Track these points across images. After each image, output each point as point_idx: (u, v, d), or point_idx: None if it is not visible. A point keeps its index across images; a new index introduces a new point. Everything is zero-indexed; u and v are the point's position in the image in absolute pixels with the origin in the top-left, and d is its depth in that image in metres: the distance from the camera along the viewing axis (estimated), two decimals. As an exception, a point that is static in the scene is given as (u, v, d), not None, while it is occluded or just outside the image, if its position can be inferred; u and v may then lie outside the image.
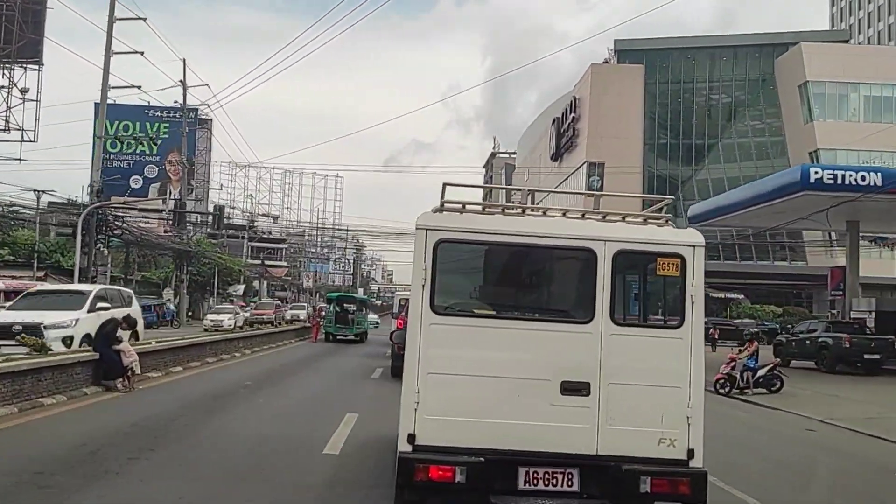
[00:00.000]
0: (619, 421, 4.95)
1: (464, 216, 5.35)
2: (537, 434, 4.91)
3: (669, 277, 5.19)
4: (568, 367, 4.98)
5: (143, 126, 59.84)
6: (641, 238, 5.19)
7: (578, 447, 4.91)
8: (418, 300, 4.99)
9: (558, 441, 4.90)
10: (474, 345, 5.02)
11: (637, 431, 4.96)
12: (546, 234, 5.15)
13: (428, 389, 4.92)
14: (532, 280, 5.90)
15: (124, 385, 12.29)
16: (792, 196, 21.72)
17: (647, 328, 5.49)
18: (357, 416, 10.49)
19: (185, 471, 7.12)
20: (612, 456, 4.91)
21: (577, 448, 4.91)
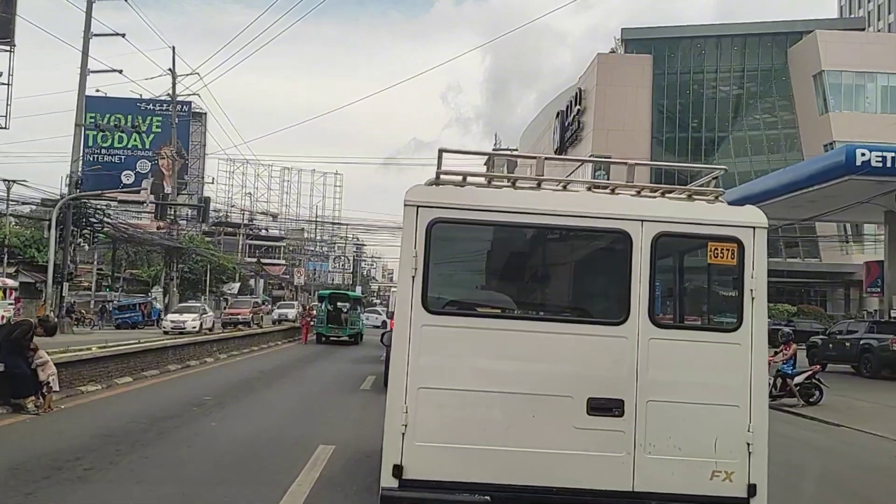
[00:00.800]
0: (660, 449, 4.20)
1: (465, 190, 4.49)
2: (557, 465, 4.18)
3: (723, 267, 4.43)
4: (596, 380, 4.25)
5: (134, 120, 58.54)
6: (687, 217, 4.39)
7: (609, 482, 4.18)
8: (407, 295, 4.23)
9: (584, 474, 4.18)
10: (477, 352, 4.27)
11: (683, 462, 4.21)
12: (568, 212, 4.37)
13: (419, 408, 4.16)
14: (550, 270, 5.05)
15: (37, 405, 9.91)
16: (834, 182, 19.45)
17: (695, 331, 4.58)
18: (332, 450, 8.12)
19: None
20: (651, 493, 4.18)
21: (607, 483, 4.18)
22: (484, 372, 4.24)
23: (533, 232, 4.63)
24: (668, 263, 4.98)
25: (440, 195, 4.38)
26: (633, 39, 64.29)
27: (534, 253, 4.92)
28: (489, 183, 4.69)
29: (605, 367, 4.26)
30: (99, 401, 11.42)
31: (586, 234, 4.54)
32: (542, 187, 4.62)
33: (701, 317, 5.12)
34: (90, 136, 57.26)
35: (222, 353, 20.68)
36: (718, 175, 4.91)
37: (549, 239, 4.73)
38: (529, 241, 4.78)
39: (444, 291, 4.52)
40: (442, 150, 4.69)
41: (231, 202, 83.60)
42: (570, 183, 4.81)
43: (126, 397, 12.07)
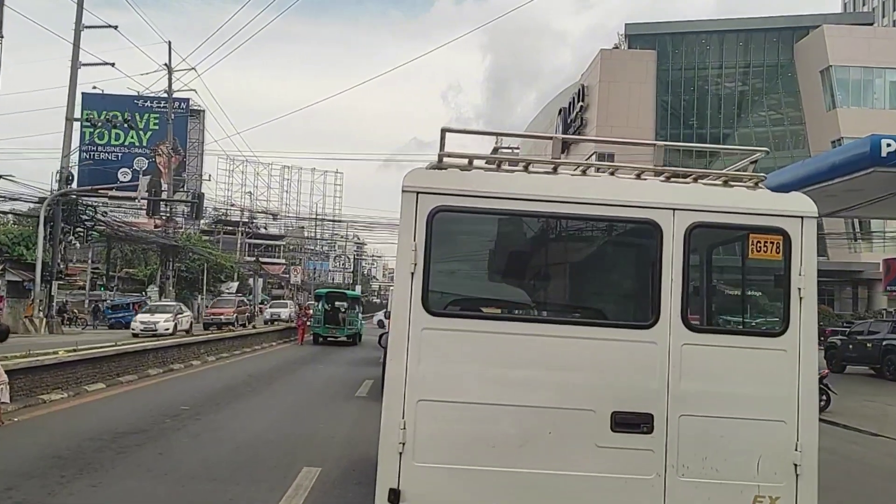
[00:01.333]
0: (695, 470, 3.80)
1: (471, 174, 4.11)
2: (577, 489, 3.76)
3: (767, 262, 4.03)
4: (621, 391, 3.83)
5: (131, 116, 58.22)
6: (726, 205, 4.00)
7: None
8: (405, 295, 3.84)
9: (607, 500, 3.77)
10: (485, 359, 3.85)
11: (722, 485, 3.80)
12: (589, 199, 3.98)
13: (419, 424, 3.75)
14: (569, 266, 4.55)
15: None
16: (857, 174, 18.31)
17: (734, 335, 4.07)
18: (318, 473, 7.07)
19: None
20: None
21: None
22: (493, 382, 3.80)
23: (549, 222, 4.19)
24: (704, 258, 4.55)
25: (443, 180, 3.94)
26: (636, 35, 63.48)
27: (550, 246, 4.40)
28: (499, 166, 4.23)
29: (632, 376, 3.83)
30: (60, 412, 10.40)
31: (610, 224, 4.13)
32: (560, 172, 4.18)
33: (741, 319, 4.63)
34: (86, 133, 57.00)
35: (210, 355, 19.69)
36: (758, 158, 4.38)
37: (567, 230, 4.29)
38: (545, 232, 4.30)
39: (447, 290, 4.13)
40: (445, 129, 4.19)
41: (231, 201, 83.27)
42: (590, 167, 4.32)
43: (93, 407, 11.06)
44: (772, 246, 3.96)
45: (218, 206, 79.10)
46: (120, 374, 13.47)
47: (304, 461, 7.55)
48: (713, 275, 4.73)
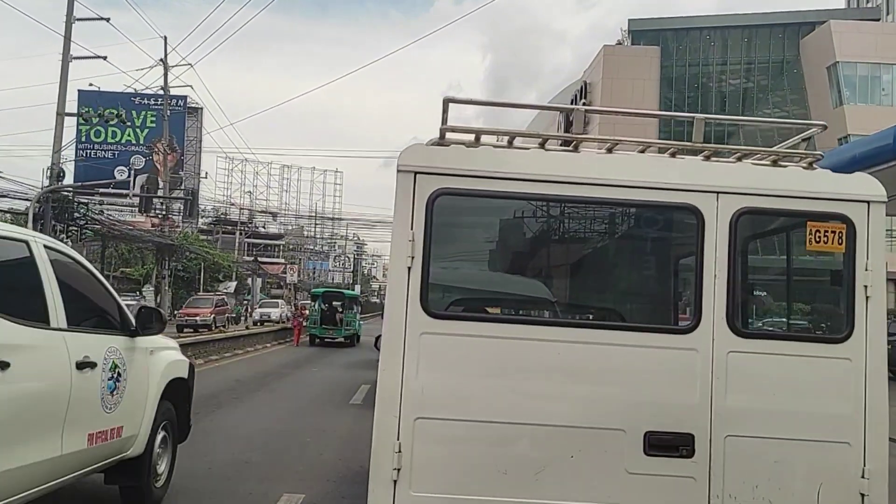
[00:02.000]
0: (744, 501, 3.26)
1: (479, 151, 3.53)
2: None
3: (827, 254, 3.52)
4: (656, 407, 3.29)
5: (129, 115, 57.92)
6: (778, 188, 3.47)
7: None
8: (400, 294, 3.33)
9: None
10: (494, 369, 3.32)
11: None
12: (617, 181, 3.43)
13: (416, 446, 3.26)
14: (593, 260, 4.07)
15: None
16: (879, 168, 17.57)
17: (789, 341, 3.48)
18: (300, 502, 6.17)
19: None
20: None
21: None
22: (504, 396, 3.33)
23: (570, 208, 3.77)
24: (751, 250, 3.99)
25: (446, 158, 3.46)
26: (639, 31, 63.24)
27: (571, 237, 4.00)
28: (511, 142, 3.73)
29: (669, 389, 3.35)
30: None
31: (642, 210, 3.65)
32: (582, 149, 3.70)
33: (797, 323, 4.25)
34: (83, 132, 56.54)
35: (198, 357, 18.82)
36: (814, 134, 3.90)
37: (591, 218, 3.89)
38: (566, 220, 3.92)
39: (450, 288, 3.78)
40: (448, 99, 3.65)
41: (230, 200, 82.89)
42: (618, 143, 3.82)
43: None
44: (833, 236, 3.47)
45: (217, 205, 78.82)
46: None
47: (286, 486, 6.63)
48: (763, 269, 4.24)
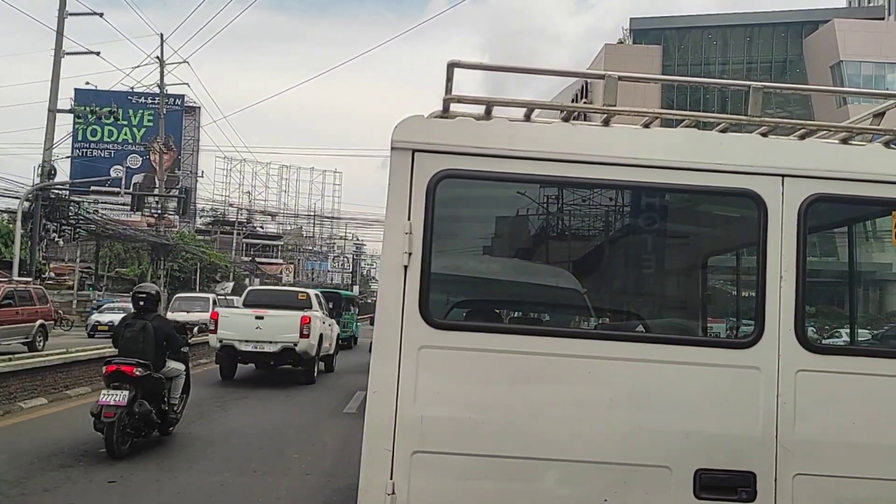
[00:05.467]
0: None
1: (491, 125, 2.97)
2: None
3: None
4: (709, 440, 2.77)
5: (125, 113, 57.68)
6: (857, 169, 2.93)
7: None
8: (395, 298, 2.79)
9: None
10: (511, 392, 2.77)
11: None
12: (659, 161, 2.88)
13: (415, 487, 2.72)
14: (630, 258, 3.42)
15: None
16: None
17: (874, 359, 2.87)
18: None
19: None
20: None
21: None
22: (523, 425, 2.78)
23: (602, 194, 3.29)
24: (823, 245, 3.62)
25: (451, 133, 2.91)
26: (641, 30, 63.10)
27: (603, 229, 3.47)
28: (529, 116, 3.09)
29: (725, 418, 2.80)
30: None
31: (690, 197, 3.14)
32: (613, 124, 3.13)
33: (883, 335, 3.85)
34: (79, 131, 56.15)
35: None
36: (890, 108, 3.27)
37: (628, 207, 3.31)
38: (596, 209, 3.38)
39: (456, 291, 3.31)
40: (453, 63, 3.04)
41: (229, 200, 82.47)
42: (658, 116, 3.24)
43: (17, 430, 9.37)
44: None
45: (215, 205, 78.35)
46: (70, 385, 11.92)
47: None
48: (837, 268, 3.64)
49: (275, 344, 14.20)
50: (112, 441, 7.70)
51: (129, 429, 8.02)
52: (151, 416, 8.35)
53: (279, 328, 13.96)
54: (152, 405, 8.32)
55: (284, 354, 15.11)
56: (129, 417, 8.00)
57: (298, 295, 17.79)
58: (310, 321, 15.43)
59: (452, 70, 3.05)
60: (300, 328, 15.12)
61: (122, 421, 7.84)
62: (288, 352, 15.10)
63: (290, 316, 15.09)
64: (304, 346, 15.24)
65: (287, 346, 14.98)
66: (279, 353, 14.81)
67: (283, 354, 15.08)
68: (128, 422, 7.97)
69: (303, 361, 15.48)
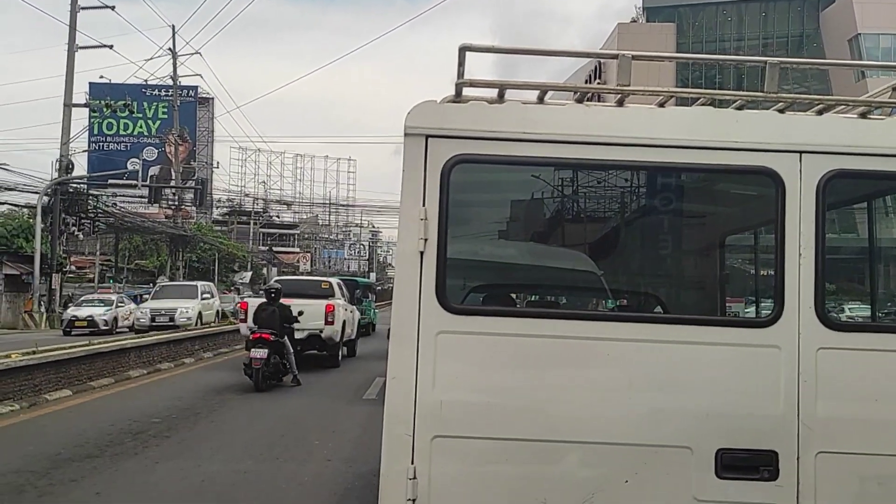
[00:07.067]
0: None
1: (504, 108, 2.94)
2: None
3: None
4: (730, 420, 2.76)
5: (139, 106, 57.91)
6: (875, 144, 2.86)
7: None
8: (412, 285, 2.78)
9: None
10: (529, 375, 2.78)
11: None
12: (675, 141, 2.86)
13: (436, 472, 2.71)
14: (648, 240, 3.47)
15: None
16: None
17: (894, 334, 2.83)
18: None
19: None
20: None
21: None
22: (542, 408, 2.78)
23: (619, 175, 3.31)
24: (842, 221, 3.57)
25: (464, 118, 2.88)
26: (654, 8, 62.51)
27: (620, 211, 3.50)
28: (542, 98, 3.09)
29: (746, 397, 2.78)
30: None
31: (706, 176, 3.16)
32: (628, 104, 3.06)
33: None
34: (95, 125, 56.57)
35: (207, 350, 18.26)
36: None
37: (643, 187, 3.36)
38: (613, 190, 3.44)
39: (472, 276, 3.39)
40: (464, 47, 3.00)
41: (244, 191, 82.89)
42: (673, 95, 3.15)
43: (42, 422, 9.54)
44: None
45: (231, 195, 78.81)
46: (93, 377, 12.14)
47: (287, 503, 5.99)
48: (857, 245, 3.50)
49: (302, 331, 14.63)
50: (259, 381, 12.14)
51: (268, 374, 12.34)
52: (280, 366, 12.82)
53: (305, 316, 14.38)
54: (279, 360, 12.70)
55: (311, 341, 15.67)
56: (267, 367, 12.31)
57: (322, 284, 18.59)
58: (334, 309, 16.06)
59: (464, 54, 3.03)
60: (325, 316, 15.76)
61: (264, 369, 12.22)
62: (314, 338, 15.71)
63: (315, 304, 15.56)
64: (330, 333, 15.93)
65: (314, 332, 15.56)
66: (306, 339, 15.28)
67: (310, 341, 15.62)
68: (266, 370, 12.28)
69: (328, 347, 16.22)
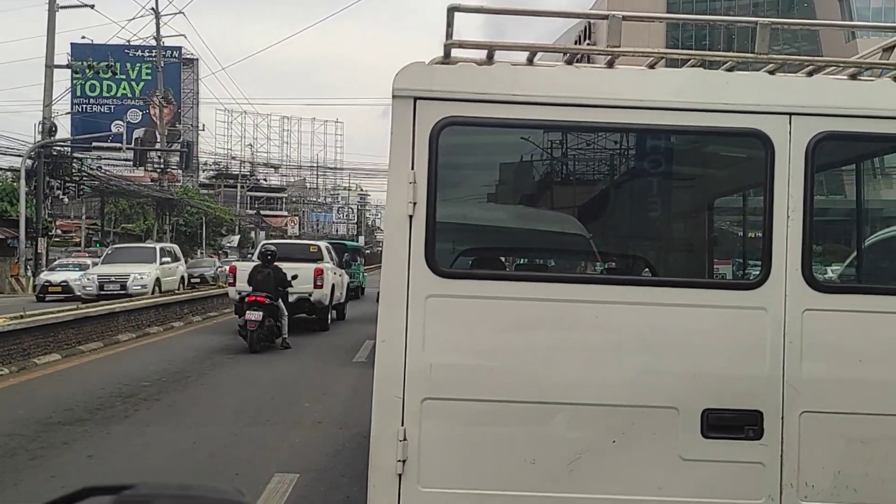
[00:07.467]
0: (824, 490, 2.76)
1: (494, 70, 2.91)
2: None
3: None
4: (716, 380, 2.79)
5: (123, 67, 56.97)
6: (865, 106, 2.85)
7: None
8: (401, 248, 2.80)
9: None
10: (518, 338, 2.81)
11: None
12: (664, 103, 2.84)
13: (425, 433, 2.76)
14: (637, 202, 3.49)
15: None
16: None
17: (881, 296, 2.90)
18: (294, 482, 5.52)
19: None
20: None
21: None
22: (531, 370, 2.79)
23: (606, 138, 3.28)
24: (829, 183, 3.58)
25: (453, 79, 2.86)
26: (645, -34, 61.80)
27: (610, 174, 3.48)
28: (531, 59, 3.03)
29: (732, 359, 2.81)
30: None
31: (695, 138, 3.10)
32: (618, 65, 3.06)
33: (891, 275, 3.69)
34: (78, 86, 55.62)
35: (196, 314, 18.26)
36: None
37: (632, 149, 3.31)
38: (602, 153, 3.39)
39: (461, 240, 3.39)
40: (453, 7, 2.95)
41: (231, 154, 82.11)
42: (664, 56, 3.17)
43: (32, 386, 9.52)
44: None
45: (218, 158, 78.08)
46: (82, 341, 12.12)
47: (279, 464, 6.02)
48: (844, 206, 3.66)
49: (291, 295, 14.58)
50: (253, 342, 12.49)
51: (262, 336, 12.63)
52: (274, 329, 13.07)
53: (294, 280, 14.35)
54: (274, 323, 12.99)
55: (300, 304, 15.71)
56: (262, 329, 12.58)
57: (310, 248, 18.63)
58: (323, 272, 16.09)
59: (453, 14, 2.98)
60: (314, 279, 15.81)
61: (258, 331, 12.50)
62: (303, 302, 15.76)
63: (304, 268, 15.54)
64: (319, 296, 16.02)
65: (302, 296, 15.61)
66: (295, 303, 15.28)
67: (299, 304, 15.65)
68: (261, 332, 12.57)
69: (317, 310, 16.34)
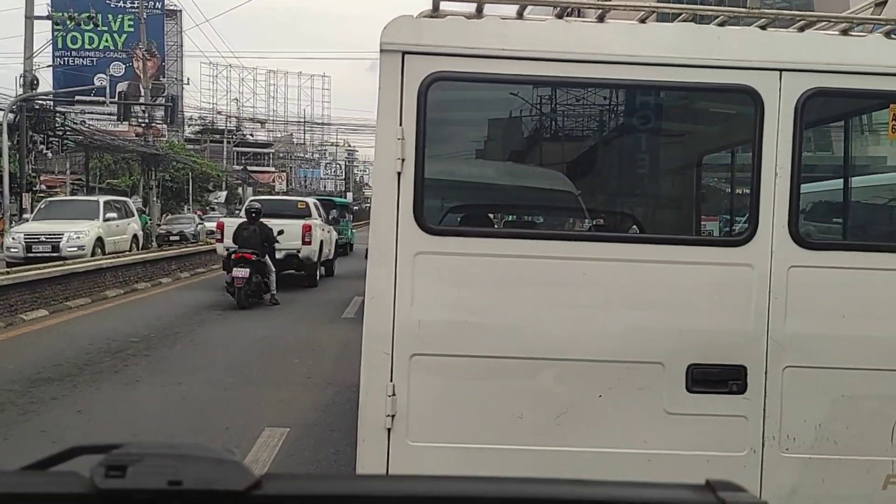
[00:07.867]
0: (805, 442, 2.81)
1: (483, 24, 2.84)
2: (638, 475, 2.71)
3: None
4: (701, 336, 2.79)
5: (104, 18, 55.82)
6: (855, 62, 2.82)
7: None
8: (389, 205, 2.77)
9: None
10: (506, 294, 2.80)
11: (842, 463, 2.80)
12: (654, 58, 2.79)
13: (414, 388, 2.77)
14: (625, 159, 3.46)
15: None
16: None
17: (866, 253, 2.91)
18: (285, 435, 5.63)
19: None
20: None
21: None
22: (518, 326, 2.80)
23: (598, 94, 3.23)
24: (818, 140, 3.62)
25: (442, 33, 2.80)
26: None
27: (599, 130, 3.46)
28: (521, 13, 2.98)
29: (717, 314, 2.83)
30: None
31: (685, 94, 3.09)
32: (609, 19, 3.00)
33: (876, 231, 3.66)
34: (59, 38, 54.63)
35: (184, 271, 18.25)
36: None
37: (621, 106, 3.27)
38: (592, 109, 3.34)
39: (450, 196, 3.41)
40: None
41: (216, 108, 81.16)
42: (655, 10, 3.08)
43: (20, 342, 9.53)
44: None
45: (203, 113, 77.20)
46: (69, 297, 12.09)
47: (268, 418, 6.09)
48: (834, 163, 3.65)
49: (280, 251, 14.62)
50: (241, 299, 12.57)
51: (250, 293, 12.76)
52: (261, 285, 13.21)
53: (283, 236, 14.38)
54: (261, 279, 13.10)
55: (288, 261, 15.77)
56: (249, 286, 12.70)
57: (298, 204, 18.61)
58: (311, 229, 16.13)
59: None
60: (302, 235, 15.85)
61: (246, 287, 12.60)
62: (291, 258, 15.83)
63: (292, 224, 15.55)
64: (307, 253, 16.08)
65: (290, 252, 15.66)
66: (283, 259, 15.33)
67: (287, 261, 15.71)
68: (248, 288, 12.69)
69: (306, 267, 16.41)
